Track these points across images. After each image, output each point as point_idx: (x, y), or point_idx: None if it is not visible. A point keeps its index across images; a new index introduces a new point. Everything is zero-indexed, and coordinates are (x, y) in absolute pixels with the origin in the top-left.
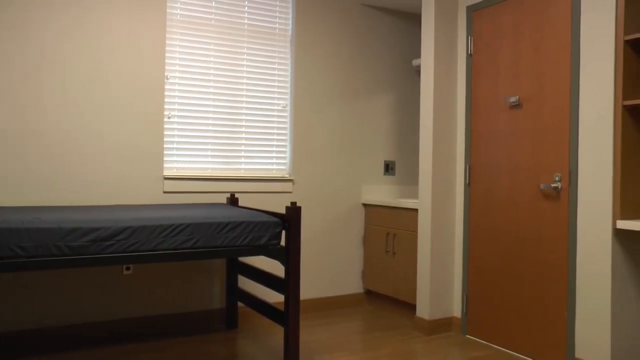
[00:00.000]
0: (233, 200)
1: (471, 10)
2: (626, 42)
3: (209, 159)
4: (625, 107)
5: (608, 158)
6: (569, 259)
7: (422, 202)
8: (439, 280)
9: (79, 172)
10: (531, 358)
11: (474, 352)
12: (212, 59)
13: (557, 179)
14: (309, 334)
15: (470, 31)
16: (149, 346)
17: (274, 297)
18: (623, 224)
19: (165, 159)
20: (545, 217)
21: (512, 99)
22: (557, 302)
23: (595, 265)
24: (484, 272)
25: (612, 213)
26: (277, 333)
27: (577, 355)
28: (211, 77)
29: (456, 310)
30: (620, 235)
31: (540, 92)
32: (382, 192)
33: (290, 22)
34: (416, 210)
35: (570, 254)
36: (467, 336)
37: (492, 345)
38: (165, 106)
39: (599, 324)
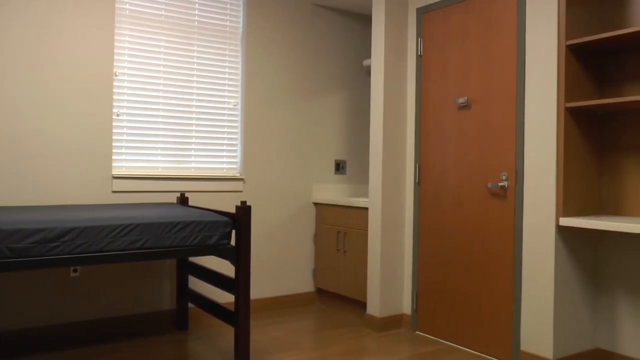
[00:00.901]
0: (183, 200)
1: (421, 12)
2: (568, 47)
3: (159, 158)
4: (567, 109)
5: (552, 158)
6: (515, 255)
7: (372, 200)
8: (389, 278)
9: (24, 172)
10: (479, 352)
11: (423, 348)
12: (162, 55)
13: (503, 178)
14: (261, 334)
15: (420, 33)
16: (97, 350)
17: (225, 298)
18: (565, 221)
19: (114, 157)
20: (493, 215)
21: (461, 100)
22: (503, 297)
23: (540, 260)
24: (433, 269)
25: (555, 210)
26: (228, 333)
27: (522, 347)
28: (161, 75)
29: (406, 307)
30: (563, 232)
31: (488, 93)
32: (333, 191)
33: (241, 20)
34: (366, 208)
35: (516, 250)
36: (417, 332)
37: (441, 340)
38: (114, 104)
39: (542, 317)
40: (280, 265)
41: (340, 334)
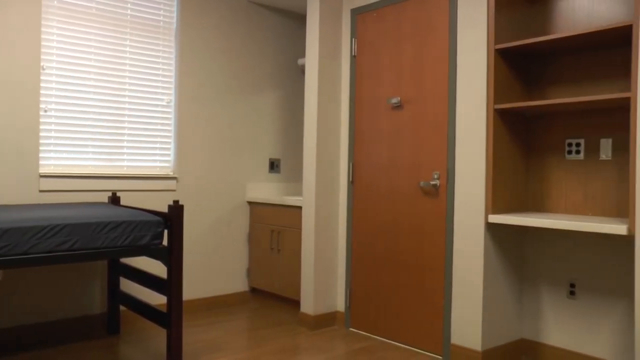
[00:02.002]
0: (114, 199)
1: (355, 13)
2: (497, 51)
3: (90, 156)
4: (496, 110)
5: (481, 157)
6: (446, 251)
7: (306, 199)
8: (323, 276)
9: None
10: (411, 346)
11: (356, 344)
12: (93, 50)
13: (435, 176)
14: (194, 335)
15: (354, 33)
16: (24, 357)
17: (158, 299)
18: (494, 218)
19: (41, 155)
20: (425, 213)
21: (394, 100)
22: (435, 292)
23: (470, 256)
24: (366, 266)
25: (484, 208)
26: (160, 336)
27: (452, 341)
28: (92, 70)
29: (340, 305)
30: (492, 228)
31: (420, 94)
32: (267, 190)
33: (175, 15)
34: (300, 207)
35: (447, 246)
36: (351, 329)
37: (374, 336)
38: (42, 99)
39: (472, 311)
40: (213, 265)
41: (274, 332)
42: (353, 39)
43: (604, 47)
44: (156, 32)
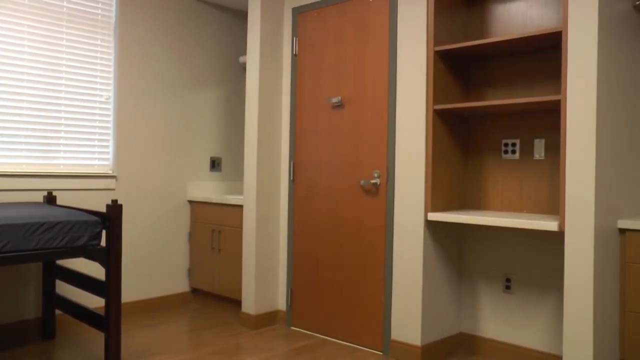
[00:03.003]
0: (50, 199)
1: (297, 12)
2: (436, 52)
3: (24, 154)
4: (435, 111)
5: (421, 157)
6: (386, 249)
7: (247, 198)
8: (264, 275)
9: None
10: (352, 343)
11: (297, 343)
12: (26, 42)
13: (376, 175)
14: (133, 338)
15: (295, 32)
16: None
17: (96, 302)
18: (433, 216)
19: None
20: (365, 211)
21: (335, 100)
22: (375, 288)
23: (410, 252)
24: (307, 264)
25: (424, 206)
26: (98, 340)
27: (393, 337)
28: (25, 63)
29: (281, 304)
30: (431, 226)
31: (361, 94)
32: (209, 189)
33: (114, 9)
34: (241, 206)
35: (387, 244)
36: (292, 328)
37: (316, 334)
38: None
39: (411, 307)
40: (153, 265)
41: (215, 333)
42: (294, 38)
43: (538, 51)
44: (94, 25)
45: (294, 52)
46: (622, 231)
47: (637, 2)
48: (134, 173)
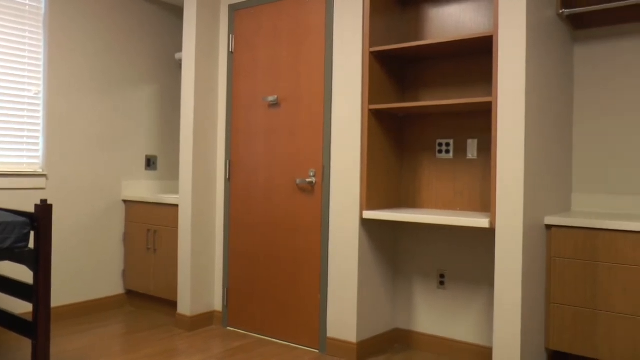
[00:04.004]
0: None
1: (233, 9)
2: (371, 53)
3: None
4: (370, 111)
5: (356, 156)
6: (322, 247)
7: (183, 197)
8: (200, 275)
9: None
10: (289, 342)
11: (234, 343)
12: None
13: (312, 174)
14: (63, 344)
15: (232, 29)
16: None
17: (22, 307)
18: (368, 214)
19: None
20: (301, 210)
21: (271, 98)
22: (311, 287)
23: (345, 250)
24: (244, 264)
25: (359, 204)
26: (25, 347)
27: (329, 334)
28: None
29: (217, 304)
30: (366, 224)
31: (297, 93)
32: (144, 188)
33: (43, 0)
34: (177, 205)
35: (323, 242)
36: (229, 328)
37: (252, 334)
38: None
39: (347, 304)
40: (86, 267)
41: (150, 336)
42: (230, 36)
43: (471, 54)
44: (22, 16)
45: (230, 50)
46: (549, 227)
47: (561, 11)
48: (65, 172)
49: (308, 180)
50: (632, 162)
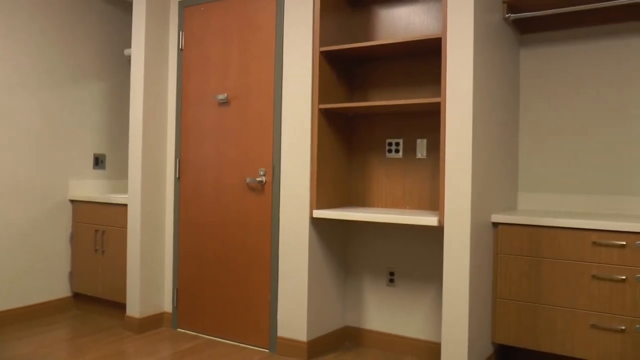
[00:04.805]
0: None
1: (183, 5)
2: (321, 53)
3: None
4: (320, 110)
5: (306, 155)
6: (272, 246)
7: (132, 197)
8: (149, 276)
9: None
10: (239, 342)
11: (183, 345)
12: None
13: (262, 173)
14: (6, 350)
15: (182, 26)
16: None
17: None
18: (318, 213)
19: None
20: (251, 209)
21: (221, 97)
22: (261, 286)
23: (295, 250)
24: (194, 264)
25: (309, 203)
26: None
27: (279, 334)
28: None
29: (167, 305)
30: (316, 223)
31: (247, 91)
32: (92, 187)
33: None
34: (126, 205)
35: (273, 241)
36: (179, 330)
37: (202, 335)
38: None
39: (297, 303)
40: (30, 270)
41: (97, 340)
42: (180, 32)
43: (420, 55)
44: None
45: (180, 47)
46: (495, 225)
47: (507, 15)
48: (7, 171)
49: (258, 179)
50: (575, 162)
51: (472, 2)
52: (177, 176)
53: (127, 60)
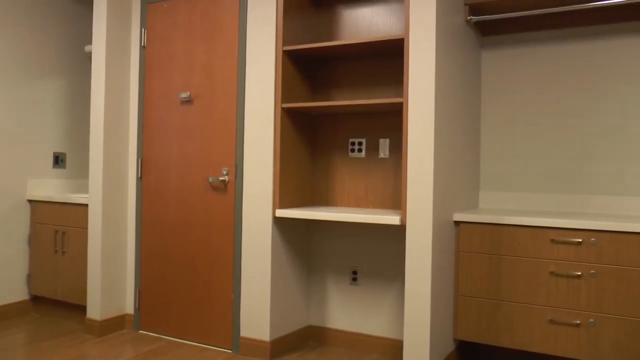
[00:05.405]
0: None
1: (146, 2)
2: (285, 52)
3: None
4: (283, 109)
5: (269, 154)
6: (235, 246)
7: (93, 196)
8: (111, 278)
9: None
10: (202, 343)
11: (145, 347)
12: None
13: (224, 172)
14: None
15: (144, 23)
16: None
17: None
18: (281, 212)
19: None
20: (214, 208)
21: (184, 95)
22: (224, 287)
23: (258, 250)
24: (157, 265)
25: (272, 203)
26: None
27: (242, 334)
28: None
29: (129, 307)
30: (279, 222)
31: (210, 90)
32: (51, 187)
33: None
34: (87, 205)
35: (236, 241)
36: (141, 331)
37: (165, 337)
38: None
39: (260, 303)
40: None
41: (56, 344)
42: (143, 29)
43: (383, 56)
44: None
45: (143, 44)
46: (457, 223)
47: (469, 17)
48: None
49: (221, 178)
50: (534, 162)
51: (434, 4)
52: (140, 175)
53: (88, 57)
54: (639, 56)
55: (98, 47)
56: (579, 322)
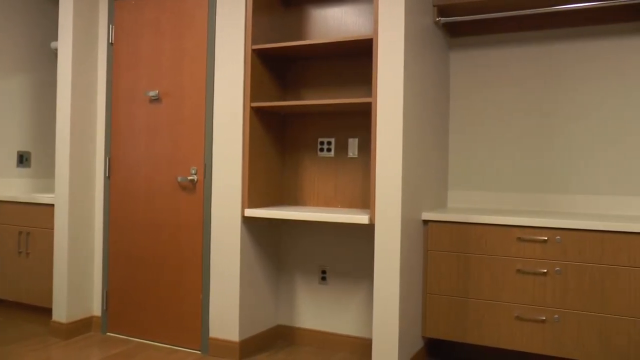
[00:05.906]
0: None
1: None
2: (253, 51)
3: None
4: (252, 108)
5: (238, 153)
6: (204, 246)
7: (59, 196)
8: (77, 279)
9: None
10: (171, 345)
11: (113, 350)
12: None
13: (193, 172)
14: None
15: (112, 19)
16: None
17: None
18: (250, 212)
19: None
20: (183, 208)
21: (152, 93)
22: (193, 287)
23: (227, 249)
24: (125, 265)
25: (241, 202)
26: None
27: (211, 334)
28: None
29: (96, 309)
30: (248, 222)
31: (179, 88)
32: (15, 187)
33: None
34: (53, 205)
35: (204, 241)
36: (108, 334)
37: (133, 339)
38: None
39: (229, 303)
40: None
41: (20, 348)
42: (111, 26)
43: (353, 56)
44: None
45: (110, 41)
46: (426, 222)
47: (438, 19)
48: None
49: (190, 178)
50: (502, 161)
51: (403, 5)
52: (107, 175)
53: (54, 53)
54: (598, 57)
55: (64, 44)
56: (544, 318)
